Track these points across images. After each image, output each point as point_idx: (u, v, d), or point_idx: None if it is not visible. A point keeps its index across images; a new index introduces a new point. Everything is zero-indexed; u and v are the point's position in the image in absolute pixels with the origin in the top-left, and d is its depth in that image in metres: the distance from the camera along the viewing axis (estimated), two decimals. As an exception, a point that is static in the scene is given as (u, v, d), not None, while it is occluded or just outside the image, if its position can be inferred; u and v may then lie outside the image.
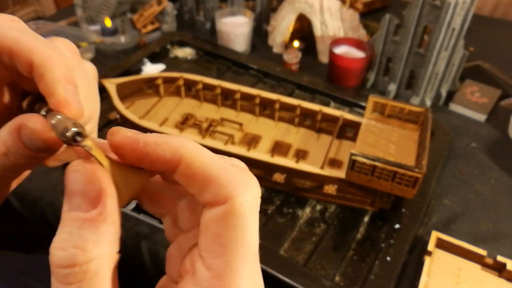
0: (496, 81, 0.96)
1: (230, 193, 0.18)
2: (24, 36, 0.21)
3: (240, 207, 0.18)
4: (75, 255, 0.16)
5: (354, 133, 0.73)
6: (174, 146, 0.18)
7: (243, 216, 0.18)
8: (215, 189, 0.18)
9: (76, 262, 0.16)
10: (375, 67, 0.94)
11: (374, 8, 1.21)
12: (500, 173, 0.76)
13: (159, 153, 0.18)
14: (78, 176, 0.18)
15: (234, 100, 0.82)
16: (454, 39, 0.83)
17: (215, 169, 0.18)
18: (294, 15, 1.01)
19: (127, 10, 1.14)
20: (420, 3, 0.79)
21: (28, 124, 0.20)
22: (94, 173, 0.18)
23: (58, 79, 0.21)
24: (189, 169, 0.18)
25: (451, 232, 0.65)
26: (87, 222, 0.17)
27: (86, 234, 0.17)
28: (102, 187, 0.18)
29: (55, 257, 0.17)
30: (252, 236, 0.19)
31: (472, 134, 0.84)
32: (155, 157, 0.19)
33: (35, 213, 0.71)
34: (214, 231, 0.19)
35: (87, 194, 0.18)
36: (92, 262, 0.17)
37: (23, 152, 0.21)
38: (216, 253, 0.18)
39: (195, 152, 0.19)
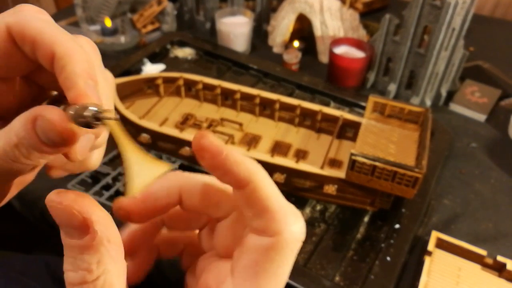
0: (496, 81, 0.96)
1: (280, 229, 0.20)
2: (48, 27, 0.21)
3: (284, 245, 0.20)
4: (84, 275, 0.18)
5: (354, 133, 0.73)
6: (249, 170, 0.20)
7: (284, 253, 0.20)
8: (268, 221, 0.20)
9: (86, 281, 0.18)
10: (375, 67, 0.94)
11: (374, 8, 1.21)
12: (500, 173, 0.76)
13: (234, 171, 0.20)
14: (59, 212, 0.19)
15: (234, 100, 0.82)
16: (454, 39, 0.83)
17: (276, 203, 0.20)
18: (294, 15, 1.01)
19: (127, 10, 1.14)
20: (420, 3, 0.79)
21: (45, 114, 0.20)
22: (72, 207, 0.18)
23: (79, 73, 0.21)
24: (254, 194, 0.20)
25: (451, 232, 0.65)
26: (84, 248, 0.18)
27: (87, 258, 0.18)
28: (86, 217, 0.18)
29: (68, 277, 0.19)
30: (286, 272, 0.20)
31: (472, 134, 0.84)
32: (229, 172, 0.20)
33: (35, 213, 0.71)
34: (253, 257, 0.20)
35: (74, 225, 0.18)
36: (100, 278, 0.19)
37: (35, 145, 0.21)
38: (249, 277, 0.20)
39: (264, 181, 0.20)
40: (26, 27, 0.21)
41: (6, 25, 0.21)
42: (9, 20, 0.21)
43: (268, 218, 0.20)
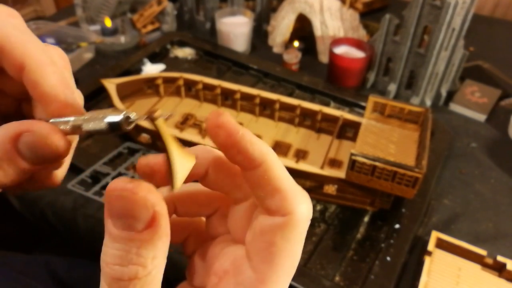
0: (496, 81, 0.96)
1: (292, 209, 0.20)
2: (18, 34, 0.21)
3: (297, 223, 0.20)
4: (136, 270, 0.17)
5: (354, 133, 0.73)
6: (262, 150, 0.20)
7: (297, 231, 0.20)
8: (281, 200, 0.20)
9: (138, 276, 0.17)
10: (375, 67, 0.94)
11: (374, 8, 1.21)
12: (500, 173, 0.76)
13: (249, 150, 0.19)
14: (128, 203, 0.17)
15: (234, 100, 0.82)
16: (454, 39, 0.83)
17: (287, 183, 0.20)
18: (294, 15, 1.01)
19: (127, 10, 1.14)
20: (420, 3, 0.79)
21: (34, 129, 0.19)
22: (146, 198, 0.17)
23: (56, 85, 0.20)
24: (267, 174, 0.20)
25: (451, 232, 0.65)
26: (143, 242, 0.17)
27: (144, 253, 0.17)
28: (156, 211, 0.18)
29: (114, 271, 0.17)
30: (298, 252, 0.21)
31: (472, 134, 0.84)
32: (243, 151, 0.19)
33: (35, 213, 0.71)
34: (269, 238, 0.20)
35: (140, 218, 0.17)
36: (150, 274, 0.18)
37: (16, 165, 0.20)
38: (266, 259, 0.20)
39: (275, 162, 0.20)
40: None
41: None
42: None
43: (280, 198, 0.20)
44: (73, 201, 0.68)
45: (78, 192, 0.67)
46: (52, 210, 0.69)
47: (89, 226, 0.66)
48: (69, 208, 0.67)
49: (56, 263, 0.67)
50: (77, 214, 0.67)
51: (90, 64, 1.01)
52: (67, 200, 0.68)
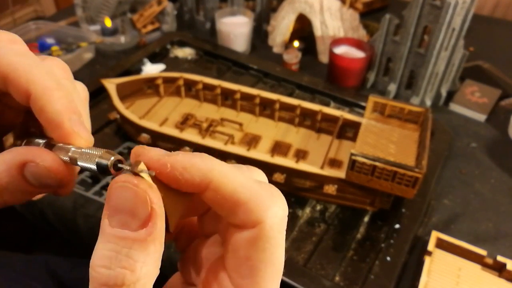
0: (496, 81, 0.96)
1: (259, 218, 0.18)
2: (22, 61, 0.21)
3: (269, 231, 0.18)
4: (124, 275, 0.16)
5: (354, 133, 0.73)
6: (202, 170, 0.18)
7: (272, 239, 0.19)
8: (245, 214, 0.18)
9: (125, 282, 0.16)
10: (375, 67, 0.94)
11: (374, 8, 1.21)
12: (500, 173, 0.76)
13: (187, 178, 0.18)
14: (129, 194, 0.17)
15: (234, 100, 0.82)
16: (454, 39, 0.83)
17: (244, 193, 0.18)
18: (294, 15, 1.01)
19: (127, 10, 1.14)
20: (420, 3, 0.79)
21: (38, 161, 0.20)
22: (146, 193, 0.17)
23: (61, 111, 0.20)
24: (218, 193, 0.18)
25: (451, 232, 0.65)
26: (136, 242, 0.16)
27: (135, 255, 0.16)
28: (153, 208, 0.17)
29: (100, 275, 0.16)
30: (280, 255, 0.19)
31: (472, 134, 0.84)
32: (183, 181, 0.18)
33: (35, 213, 0.71)
34: (243, 253, 0.19)
35: (137, 214, 0.17)
36: (139, 282, 0.16)
37: (23, 189, 0.20)
38: (245, 274, 0.19)
39: (223, 176, 0.18)
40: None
41: None
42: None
43: (242, 211, 0.18)
44: (73, 201, 0.68)
45: (78, 192, 0.67)
46: (52, 210, 0.69)
47: (89, 226, 0.66)
48: (69, 208, 0.67)
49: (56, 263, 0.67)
50: (77, 214, 0.67)
51: (90, 64, 1.01)
52: (67, 200, 0.68)
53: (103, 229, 0.17)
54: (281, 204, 0.19)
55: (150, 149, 0.18)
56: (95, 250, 0.17)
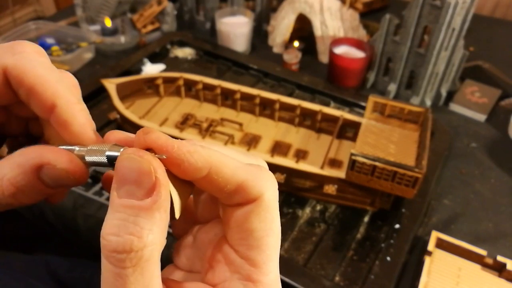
0: (496, 81, 0.96)
1: (259, 192, 0.20)
2: (48, 75, 0.22)
3: (268, 202, 0.20)
4: (131, 241, 0.17)
5: (354, 133, 0.73)
6: (203, 155, 0.19)
7: (271, 209, 0.21)
8: (245, 191, 0.20)
9: (132, 248, 0.17)
10: (375, 67, 0.94)
11: (374, 8, 1.21)
12: (500, 173, 0.76)
13: (191, 162, 0.19)
14: (134, 165, 0.18)
15: (234, 100, 0.82)
16: (454, 39, 0.83)
17: (242, 173, 0.20)
18: (294, 15, 1.01)
19: (127, 10, 1.14)
20: (420, 3, 0.79)
21: (55, 163, 0.20)
22: (150, 163, 0.18)
23: (85, 124, 0.22)
24: (219, 176, 0.19)
25: (451, 232, 0.65)
26: (142, 210, 0.18)
27: (142, 222, 0.17)
28: (157, 177, 0.18)
29: (110, 242, 0.17)
30: (278, 224, 0.21)
31: (472, 134, 0.84)
32: (187, 165, 0.19)
33: (35, 212, 0.71)
34: (247, 226, 0.20)
35: (142, 183, 0.18)
36: (146, 248, 0.17)
37: (39, 190, 0.21)
38: (252, 245, 0.21)
39: (222, 160, 0.20)
40: (25, 73, 0.21)
41: (3, 67, 0.21)
42: (8, 62, 0.21)
43: (243, 189, 0.20)
44: (73, 201, 0.68)
45: (78, 192, 0.67)
46: (52, 210, 0.69)
47: (89, 226, 0.66)
48: (69, 208, 0.67)
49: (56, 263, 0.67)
50: (77, 214, 0.67)
51: (90, 64, 1.01)
52: (67, 200, 0.68)
53: (112, 200, 0.18)
54: (273, 179, 0.21)
55: (157, 131, 0.20)
56: (105, 221, 0.18)
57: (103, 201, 0.65)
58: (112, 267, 0.17)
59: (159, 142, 0.19)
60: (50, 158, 0.20)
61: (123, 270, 0.17)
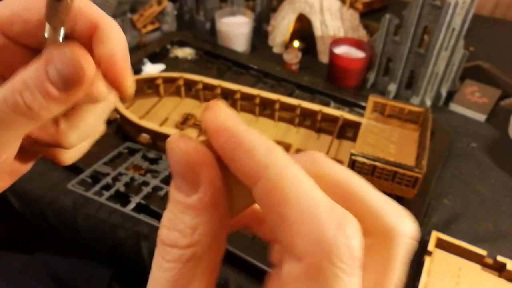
0: (496, 81, 0.96)
1: (315, 249, 0.14)
2: (91, 3, 0.22)
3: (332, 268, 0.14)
4: (176, 238, 0.16)
5: (354, 133, 0.73)
6: (258, 161, 0.15)
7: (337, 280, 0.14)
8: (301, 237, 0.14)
9: (176, 244, 0.16)
10: (375, 67, 0.94)
11: (374, 8, 1.21)
12: (500, 173, 0.76)
13: (238, 160, 0.16)
14: (176, 158, 0.16)
15: (234, 100, 0.82)
16: (454, 39, 0.83)
17: (296, 207, 0.15)
18: (294, 15, 1.01)
19: (127, 10, 1.14)
20: (420, 3, 0.79)
21: (65, 50, 0.19)
22: (191, 156, 0.16)
23: (120, 50, 0.21)
24: (267, 196, 0.15)
25: (451, 232, 0.65)
26: (188, 208, 0.16)
27: (186, 220, 0.16)
28: (201, 172, 0.16)
29: (161, 233, 0.17)
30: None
31: (472, 134, 0.84)
32: (234, 163, 0.16)
33: (35, 212, 0.71)
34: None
35: (186, 178, 0.16)
36: (189, 249, 0.16)
37: (41, 85, 0.19)
38: None
39: (277, 178, 0.15)
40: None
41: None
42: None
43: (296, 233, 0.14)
44: (73, 201, 0.68)
45: (78, 192, 0.67)
46: (52, 210, 0.69)
47: (89, 226, 0.66)
48: (69, 208, 0.67)
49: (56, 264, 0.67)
50: (77, 214, 0.67)
51: (90, 64, 1.00)
52: (67, 200, 0.68)
53: (170, 189, 0.17)
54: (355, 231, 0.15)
55: (224, 109, 0.18)
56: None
57: (103, 201, 0.65)
58: (157, 256, 0.17)
59: (212, 126, 0.17)
60: (63, 47, 0.19)
61: (165, 263, 0.17)
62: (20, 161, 0.25)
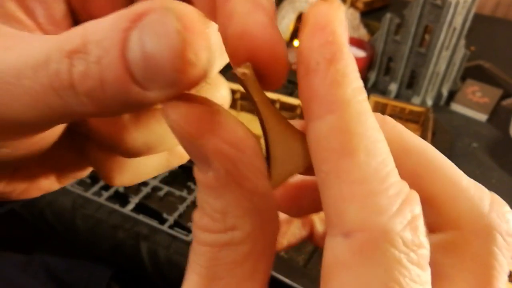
0: (497, 81, 0.96)
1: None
2: None
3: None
4: (207, 222, 0.13)
5: (355, 133, 0.73)
6: (343, 90, 0.12)
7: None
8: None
9: (209, 229, 0.13)
10: (376, 67, 0.93)
11: (375, 7, 1.20)
12: (502, 173, 0.76)
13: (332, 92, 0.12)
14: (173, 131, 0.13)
15: (234, 100, 0.81)
16: (455, 38, 0.82)
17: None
18: (294, 14, 1.01)
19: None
20: (421, 2, 0.78)
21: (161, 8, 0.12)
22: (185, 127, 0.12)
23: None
24: (333, 138, 0.12)
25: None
26: (207, 187, 0.13)
27: (211, 202, 0.13)
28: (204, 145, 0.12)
29: (194, 216, 0.14)
30: None
31: (473, 134, 0.84)
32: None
33: (34, 213, 0.71)
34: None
35: (192, 152, 0.13)
36: (224, 234, 0.13)
37: (122, 85, 0.12)
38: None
39: (361, 122, 0.12)
40: None
41: None
42: None
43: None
44: (72, 201, 0.67)
45: (77, 192, 0.67)
46: (51, 210, 0.69)
47: (88, 227, 0.66)
48: (68, 208, 0.67)
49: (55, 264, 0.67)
50: (76, 214, 0.67)
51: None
52: (66, 200, 0.68)
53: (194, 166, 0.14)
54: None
55: (342, 11, 0.13)
56: None
57: (102, 202, 0.65)
58: (194, 241, 0.14)
59: (318, 19, 0.13)
60: (156, 5, 0.11)
61: (200, 247, 0.13)
62: (72, 163, 0.21)
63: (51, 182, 0.20)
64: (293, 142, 0.14)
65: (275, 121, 0.14)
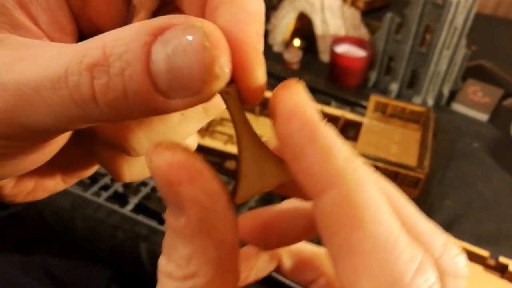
0: (498, 81, 0.95)
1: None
2: None
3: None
4: (171, 268, 0.13)
5: (355, 133, 0.72)
6: (335, 169, 0.13)
7: None
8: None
9: (173, 276, 0.13)
10: (376, 66, 0.93)
11: (376, 7, 1.20)
12: (503, 173, 0.76)
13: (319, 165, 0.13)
14: (152, 175, 0.13)
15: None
16: (456, 38, 0.82)
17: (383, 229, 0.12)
18: (294, 13, 1.00)
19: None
20: (422, 2, 0.78)
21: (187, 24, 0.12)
22: (165, 173, 0.12)
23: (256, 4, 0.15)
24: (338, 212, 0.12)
25: (453, 233, 0.64)
26: (178, 233, 0.13)
27: (180, 248, 0.13)
28: (180, 192, 0.13)
29: (160, 262, 0.14)
30: None
31: (474, 134, 0.84)
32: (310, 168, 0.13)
33: (33, 213, 0.71)
34: None
35: (168, 197, 0.13)
36: (188, 281, 0.13)
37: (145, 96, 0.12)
38: None
39: (362, 191, 0.13)
40: None
41: None
42: None
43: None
44: (71, 202, 0.67)
45: (76, 192, 0.67)
46: (50, 211, 0.69)
47: (87, 227, 0.66)
48: (67, 208, 0.67)
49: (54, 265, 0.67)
50: (75, 214, 0.66)
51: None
52: (65, 200, 0.67)
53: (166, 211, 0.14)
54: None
55: (304, 91, 0.14)
56: None
57: (102, 202, 0.64)
58: (158, 285, 0.14)
59: (285, 107, 0.13)
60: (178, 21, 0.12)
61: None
62: (77, 162, 0.20)
63: (57, 182, 0.20)
64: (264, 162, 0.14)
65: (251, 141, 0.15)
